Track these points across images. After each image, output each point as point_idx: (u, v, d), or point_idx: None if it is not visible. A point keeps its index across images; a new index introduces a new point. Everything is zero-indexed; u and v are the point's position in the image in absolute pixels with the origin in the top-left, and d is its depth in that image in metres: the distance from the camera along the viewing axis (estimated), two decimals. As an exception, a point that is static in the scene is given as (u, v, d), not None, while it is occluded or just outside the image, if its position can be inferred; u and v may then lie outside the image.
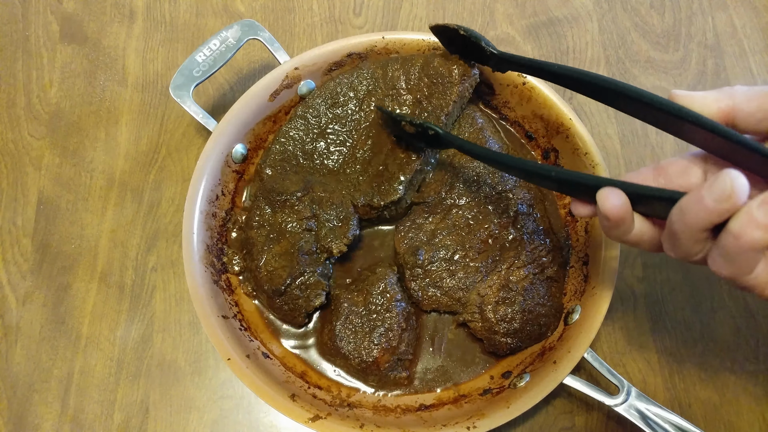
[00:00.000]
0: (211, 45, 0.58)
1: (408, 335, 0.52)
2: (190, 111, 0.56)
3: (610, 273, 0.51)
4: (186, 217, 0.53)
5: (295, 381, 0.52)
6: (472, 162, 0.56)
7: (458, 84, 0.55)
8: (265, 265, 0.53)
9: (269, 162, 0.57)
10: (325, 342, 0.53)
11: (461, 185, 0.56)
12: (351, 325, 0.52)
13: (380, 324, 0.51)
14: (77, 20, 0.70)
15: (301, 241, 0.53)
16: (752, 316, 0.59)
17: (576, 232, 0.56)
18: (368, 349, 0.51)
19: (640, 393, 0.48)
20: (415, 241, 0.54)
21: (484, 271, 0.53)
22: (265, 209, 0.55)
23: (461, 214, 0.55)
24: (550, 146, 0.59)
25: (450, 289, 0.53)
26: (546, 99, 0.57)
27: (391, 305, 0.52)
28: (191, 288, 0.51)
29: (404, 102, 0.57)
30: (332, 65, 0.60)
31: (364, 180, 0.56)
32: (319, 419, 0.47)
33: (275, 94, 0.58)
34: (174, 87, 0.56)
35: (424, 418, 0.50)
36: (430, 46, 0.59)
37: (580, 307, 0.52)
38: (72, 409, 0.56)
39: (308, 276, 0.53)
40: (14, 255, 0.60)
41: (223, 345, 0.49)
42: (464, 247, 0.54)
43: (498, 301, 0.52)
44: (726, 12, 0.71)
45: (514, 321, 0.51)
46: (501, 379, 0.52)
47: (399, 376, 0.52)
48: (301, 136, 0.58)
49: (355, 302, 0.52)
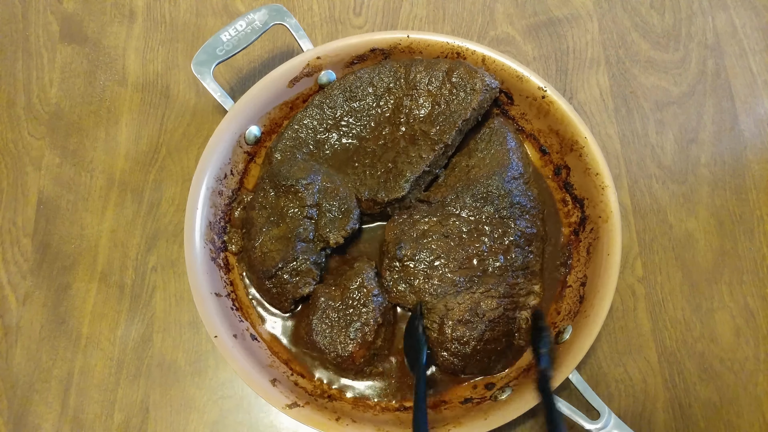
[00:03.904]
0: (237, 26, 0.57)
1: (385, 330, 0.52)
2: (209, 88, 0.56)
3: (605, 299, 0.50)
4: (192, 191, 0.53)
5: (279, 366, 0.52)
6: (488, 179, 0.55)
7: (480, 93, 0.56)
8: (260, 246, 0.53)
9: (280, 147, 0.57)
10: (302, 336, 0.53)
11: (468, 198, 0.55)
12: (327, 320, 0.51)
13: (356, 319, 0.51)
14: (77, 20, 0.69)
15: (299, 228, 0.53)
16: (752, 316, 0.59)
17: (578, 252, 0.56)
18: (344, 344, 0.51)
19: (619, 420, 0.49)
20: (404, 234, 0.54)
21: (458, 286, 0.52)
22: (269, 192, 0.55)
23: (457, 225, 0.54)
24: (562, 163, 0.58)
25: (420, 290, 0.52)
26: (564, 115, 0.56)
27: (368, 300, 0.51)
28: (188, 262, 0.51)
29: (422, 104, 0.57)
30: (354, 58, 0.60)
31: (371, 175, 0.56)
32: (297, 407, 0.47)
33: (295, 81, 0.58)
34: (196, 63, 0.56)
35: (402, 419, 0.50)
36: (453, 50, 0.59)
37: (572, 327, 0.51)
38: (72, 409, 0.56)
39: (300, 263, 0.53)
40: (14, 255, 0.60)
41: (212, 322, 0.49)
42: (448, 257, 0.53)
43: (461, 320, 0.51)
44: (726, 12, 0.71)
45: (467, 345, 0.51)
46: (484, 389, 0.52)
47: (375, 370, 0.52)
48: (315, 126, 0.58)
49: (332, 296, 0.52)
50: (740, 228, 0.62)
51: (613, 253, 0.51)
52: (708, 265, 0.61)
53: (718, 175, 0.64)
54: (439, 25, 0.70)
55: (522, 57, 0.68)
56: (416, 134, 0.57)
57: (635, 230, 0.62)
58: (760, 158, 0.65)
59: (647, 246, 0.61)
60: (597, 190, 0.54)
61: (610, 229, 0.52)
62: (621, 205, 0.62)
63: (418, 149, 0.56)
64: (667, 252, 0.61)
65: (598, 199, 0.54)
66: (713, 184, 0.64)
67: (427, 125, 0.57)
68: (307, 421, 0.47)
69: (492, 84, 0.57)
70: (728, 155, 0.65)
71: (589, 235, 0.55)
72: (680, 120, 0.66)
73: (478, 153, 0.58)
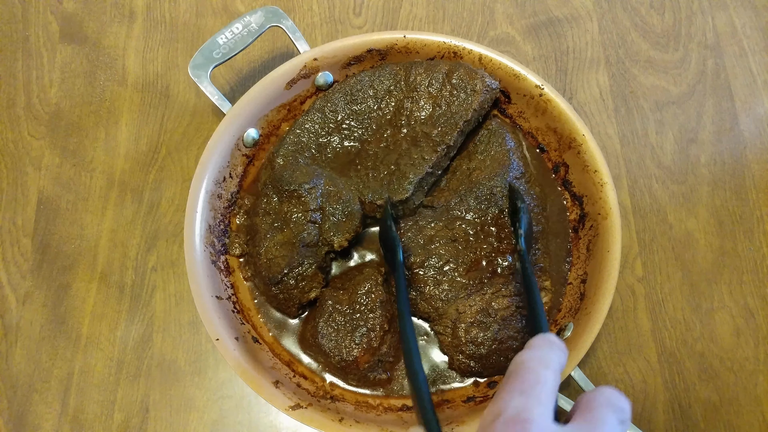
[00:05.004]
0: (234, 28, 0.57)
1: (390, 337, 0.52)
2: (206, 91, 0.56)
3: (606, 295, 0.50)
4: (191, 195, 0.53)
5: (282, 368, 0.52)
6: (490, 181, 0.55)
7: (480, 94, 0.56)
8: (265, 253, 0.53)
9: (282, 152, 0.57)
10: (307, 338, 0.53)
11: (472, 200, 0.55)
12: (334, 323, 0.51)
13: (363, 324, 0.51)
14: (77, 20, 0.70)
15: (303, 233, 0.53)
16: (752, 316, 0.59)
17: (578, 249, 0.56)
18: (349, 348, 0.50)
19: None
20: (411, 242, 0.54)
21: (469, 289, 0.52)
22: (272, 197, 0.55)
23: (464, 228, 0.54)
24: (561, 160, 0.58)
25: (431, 297, 0.52)
26: (561, 113, 0.57)
27: (375, 306, 0.51)
28: (188, 265, 0.51)
29: (422, 106, 0.57)
30: (351, 59, 0.60)
31: (374, 177, 0.56)
32: (300, 408, 0.47)
33: (292, 83, 0.58)
34: (193, 66, 0.56)
35: (405, 418, 0.50)
36: (451, 49, 0.59)
37: (573, 324, 0.51)
38: (72, 409, 0.56)
39: (306, 267, 0.53)
40: (14, 255, 0.60)
41: (213, 325, 0.49)
42: (456, 261, 0.53)
43: (474, 322, 0.51)
44: (726, 12, 0.71)
45: (482, 346, 0.50)
46: (486, 388, 0.52)
47: (379, 377, 0.52)
48: (317, 129, 0.58)
49: (339, 300, 0.52)
50: (740, 228, 0.62)
51: (613, 249, 0.51)
52: (708, 265, 0.61)
53: (718, 175, 0.64)
54: (439, 25, 0.70)
55: (522, 57, 0.69)
56: (418, 136, 0.57)
57: (635, 230, 0.62)
58: (760, 158, 0.65)
59: (647, 246, 0.61)
60: (596, 187, 0.54)
61: (609, 226, 0.52)
62: (621, 205, 0.62)
63: (420, 151, 0.56)
64: (667, 252, 0.61)
65: (597, 197, 0.54)
66: (713, 184, 0.64)
67: (429, 127, 0.57)
68: (310, 423, 0.47)
69: (492, 84, 0.57)
70: (728, 155, 0.65)
71: (589, 232, 0.55)
72: (680, 120, 0.66)
73: (477, 155, 0.58)
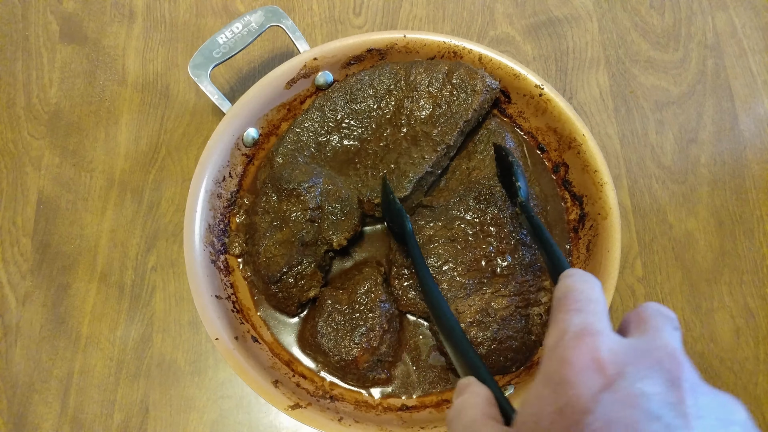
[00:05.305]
0: (234, 28, 0.57)
1: (390, 337, 0.52)
2: (206, 91, 0.56)
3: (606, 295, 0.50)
4: (191, 195, 0.53)
5: (281, 368, 0.52)
6: (490, 181, 0.55)
7: (480, 94, 0.56)
8: (264, 251, 0.53)
9: (281, 150, 0.57)
10: (306, 337, 0.53)
11: (471, 200, 0.55)
12: (333, 323, 0.51)
13: (362, 323, 0.51)
14: (77, 20, 0.69)
15: (302, 231, 0.53)
16: (752, 316, 0.59)
17: (578, 249, 0.56)
18: (348, 348, 0.50)
19: None
20: None
21: (468, 289, 0.52)
22: (271, 196, 0.55)
23: (463, 228, 0.54)
24: (561, 160, 0.58)
25: None
26: (561, 112, 0.57)
27: (375, 306, 0.51)
28: (188, 265, 0.51)
29: (423, 105, 0.57)
30: (351, 59, 0.60)
31: (373, 176, 0.56)
32: (299, 408, 0.47)
33: (292, 82, 0.58)
34: (192, 66, 0.56)
35: (404, 419, 0.50)
36: (450, 49, 0.59)
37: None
38: (72, 409, 0.56)
39: (305, 266, 0.53)
40: (14, 255, 0.60)
41: (212, 324, 0.49)
42: (456, 261, 0.53)
43: (473, 321, 0.51)
44: (726, 12, 0.71)
45: (482, 346, 0.50)
46: None
47: (378, 377, 0.52)
48: (316, 128, 0.58)
49: (339, 300, 0.52)
50: (740, 228, 0.62)
51: (613, 249, 0.51)
52: (708, 265, 0.61)
53: (718, 175, 0.64)
54: (439, 25, 0.70)
55: (522, 57, 0.68)
56: (418, 135, 0.57)
57: (635, 230, 0.62)
58: (759, 158, 0.65)
59: (647, 246, 0.61)
60: (595, 186, 0.54)
61: (609, 226, 0.52)
62: (621, 205, 0.62)
63: (420, 150, 0.56)
64: (667, 252, 0.61)
65: (596, 196, 0.54)
66: (713, 184, 0.64)
67: (429, 126, 0.57)
68: (309, 422, 0.47)
69: (492, 85, 0.57)
70: (728, 155, 0.65)
71: (589, 232, 0.55)
72: (680, 120, 0.66)
73: (477, 155, 0.58)
